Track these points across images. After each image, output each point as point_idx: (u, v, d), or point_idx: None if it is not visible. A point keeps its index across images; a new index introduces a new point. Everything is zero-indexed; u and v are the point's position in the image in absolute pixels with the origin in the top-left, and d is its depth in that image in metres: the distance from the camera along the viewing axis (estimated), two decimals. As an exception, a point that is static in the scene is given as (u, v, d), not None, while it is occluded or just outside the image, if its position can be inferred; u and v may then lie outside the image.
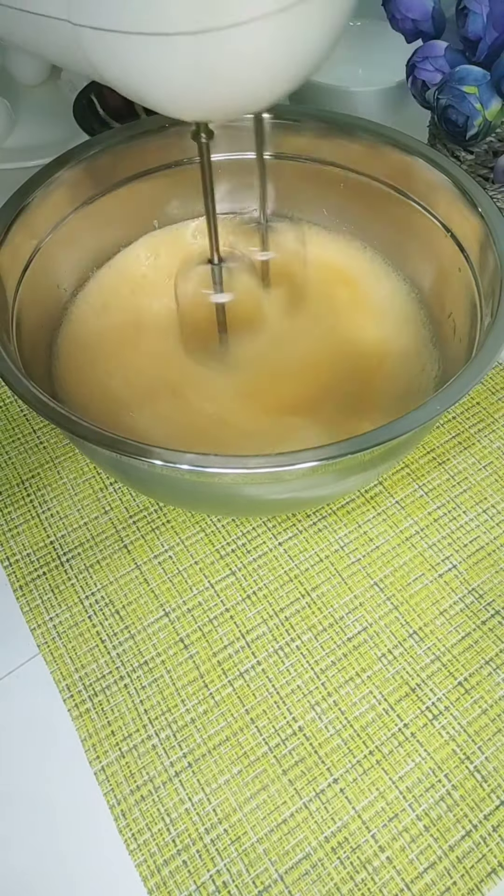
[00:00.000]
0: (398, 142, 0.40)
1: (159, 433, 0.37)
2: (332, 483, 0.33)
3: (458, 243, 0.39)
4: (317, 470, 0.28)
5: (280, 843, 0.31)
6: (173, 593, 0.38)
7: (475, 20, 0.40)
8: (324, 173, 0.44)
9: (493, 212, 0.36)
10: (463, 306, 0.38)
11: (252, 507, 0.36)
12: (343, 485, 0.35)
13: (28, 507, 0.41)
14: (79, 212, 0.41)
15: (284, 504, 0.36)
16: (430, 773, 0.32)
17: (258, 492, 0.33)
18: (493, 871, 0.30)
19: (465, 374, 0.30)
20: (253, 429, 0.37)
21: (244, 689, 0.35)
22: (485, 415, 0.45)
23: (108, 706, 0.34)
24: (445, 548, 0.39)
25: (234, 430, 0.37)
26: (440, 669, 0.35)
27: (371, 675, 0.35)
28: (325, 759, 0.33)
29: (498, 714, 0.34)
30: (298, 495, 0.34)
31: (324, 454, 0.27)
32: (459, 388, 0.30)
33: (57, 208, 0.40)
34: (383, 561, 0.39)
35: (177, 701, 0.34)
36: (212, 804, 0.32)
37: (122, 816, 0.31)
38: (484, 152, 0.47)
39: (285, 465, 0.27)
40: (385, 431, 0.28)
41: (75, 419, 0.29)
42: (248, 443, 0.37)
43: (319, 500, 0.39)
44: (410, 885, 0.30)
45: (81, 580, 0.38)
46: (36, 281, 0.39)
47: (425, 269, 0.42)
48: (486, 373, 0.30)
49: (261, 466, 0.27)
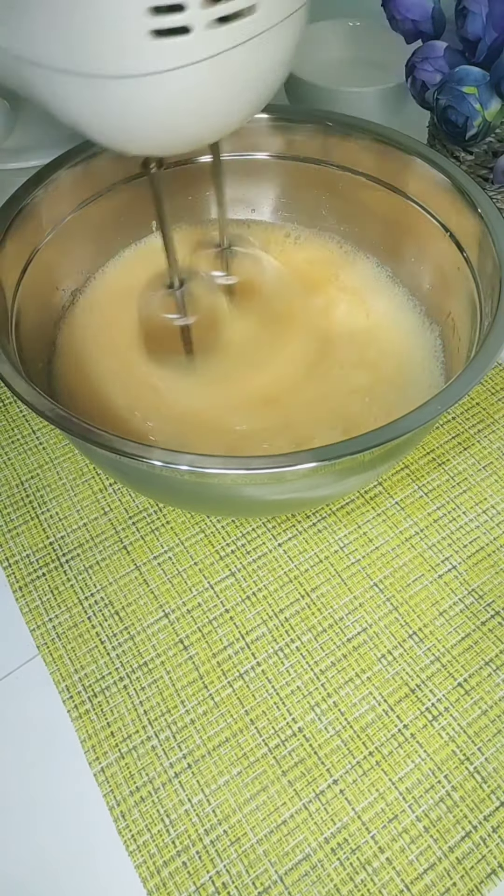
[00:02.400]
0: (396, 141, 0.40)
1: (159, 434, 0.37)
2: (332, 483, 0.33)
3: (457, 242, 0.39)
4: (317, 470, 0.28)
5: (280, 845, 0.31)
6: (173, 594, 0.38)
7: (475, 20, 0.40)
8: (321, 173, 0.44)
9: (491, 211, 0.36)
10: (462, 306, 0.38)
11: (252, 507, 0.36)
12: (343, 485, 0.35)
13: (27, 508, 0.41)
14: (78, 212, 0.41)
15: (284, 504, 0.36)
16: (429, 774, 0.32)
17: (258, 492, 0.33)
18: (492, 872, 0.30)
19: (465, 375, 0.30)
20: (256, 428, 0.37)
21: (244, 690, 0.35)
22: (485, 415, 0.45)
23: (107, 707, 0.34)
24: (445, 548, 0.39)
25: (236, 433, 0.37)
26: (440, 670, 0.35)
27: (371, 675, 0.35)
28: (324, 760, 0.33)
29: (498, 715, 0.34)
30: (298, 496, 0.34)
31: (324, 454, 0.27)
32: (459, 388, 0.30)
33: (56, 209, 0.40)
34: (383, 562, 0.39)
35: (176, 702, 0.34)
36: (211, 805, 0.32)
37: (122, 817, 0.31)
38: (483, 153, 0.47)
39: (286, 465, 0.27)
40: (385, 432, 0.28)
41: (75, 420, 0.29)
42: (248, 444, 0.37)
43: (320, 501, 0.39)
44: (410, 886, 0.30)
45: (81, 581, 0.38)
46: (35, 281, 0.39)
47: (424, 269, 0.42)
48: (486, 373, 0.30)
49: (261, 467, 0.27)
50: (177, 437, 0.37)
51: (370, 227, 0.45)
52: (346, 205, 0.45)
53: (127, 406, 0.38)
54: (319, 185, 0.45)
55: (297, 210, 0.47)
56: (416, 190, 0.41)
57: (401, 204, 0.41)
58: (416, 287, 0.43)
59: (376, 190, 0.42)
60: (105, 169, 0.41)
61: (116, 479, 0.40)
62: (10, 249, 0.37)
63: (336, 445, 0.28)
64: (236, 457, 0.28)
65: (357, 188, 0.43)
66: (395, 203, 0.42)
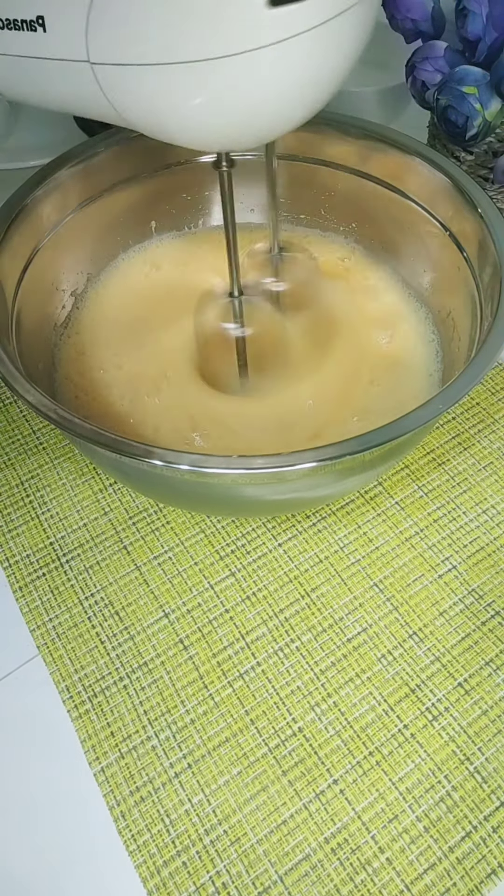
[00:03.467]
0: (395, 141, 0.41)
1: (160, 435, 0.37)
2: (332, 483, 0.33)
3: (457, 242, 0.39)
4: (317, 470, 0.28)
5: (280, 845, 0.31)
6: (173, 594, 0.38)
7: (475, 21, 0.40)
8: (320, 173, 0.44)
9: (491, 211, 0.36)
10: (462, 305, 0.38)
11: (252, 507, 0.36)
12: (343, 485, 0.35)
13: (28, 509, 0.41)
14: (78, 212, 0.41)
15: (284, 504, 0.36)
16: (430, 775, 0.32)
17: (258, 492, 0.33)
18: (492, 872, 0.30)
19: (466, 374, 0.30)
20: (259, 428, 0.37)
21: (244, 690, 0.35)
22: (485, 415, 0.45)
23: (107, 707, 0.34)
24: (445, 548, 0.39)
25: (239, 436, 0.37)
26: (440, 670, 0.35)
27: (371, 675, 0.35)
28: (325, 760, 0.33)
29: (498, 715, 0.34)
30: (298, 496, 0.34)
31: (324, 454, 0.27)
32: (459, 387, 0.30)
33: (57, 209, 0.40)
34: (383, 562, 0.39)
35: (176, 702, 0.34)
36: (212, 805, 0.32)
37: (122, 817, 0.31)
38: (483, 153, 0.47)
39: (286, 465, 0.27)
40: (385, 432, 0.28)
41: (77, 421, 0.29)
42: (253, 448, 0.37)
43: (320, 501, 0.39)
44: (410, 887, 0.30)
45: (81, 581, 0.38)
46: (36, 282, 0.39)
47: (423, 269, 0.42)
48: (486, 373, 0.30)
49: (261, 467, 0.27)
50: (185, 442, 0.37)
51: (370, 227, 0.45)
52: (345, 204, 0.45)
53: (128, 407, 0.38)
54: (316, 186, 0.45)
55: (296, 210, 0.47)
56: (414, 189, 0.41)
57: (398, 203, 0.42)
58: (416, 286, 0.43)
59: (373, 190, 0.42)
60: (105, 169, 0.41)
61: (117, 478, 0.40)
62: (11, 250, 0.37)
63: (336, 445, 0.28)
64: (236, 457, 0.28)
65: (354, 188, 0.43)
66: (393, 203, 0.42)
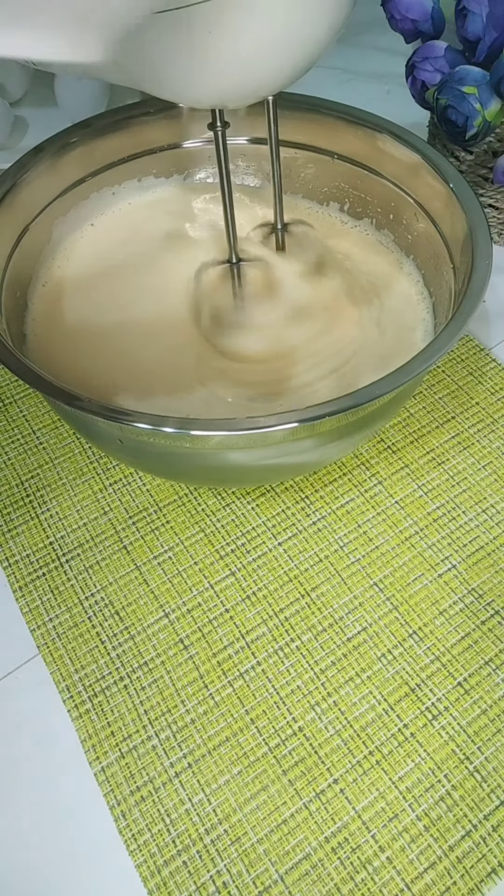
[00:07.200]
0: (359, 118, 0.42)
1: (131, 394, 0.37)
2: (313, 448, 0.34)
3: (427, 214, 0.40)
4: (300, 431, 0.29)
5: (280, 844, 0.31)
6: (173, 594, 0.38)
7: (475, 20, 0.40)
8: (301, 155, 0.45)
9: (456, 178, 0.38)
10: (439, 277, 0.39)
11: (235, 474, 0.37)
12: (325, 450, 0.35)
13: (27, 508, 0.41)
14: (66, 194, 0.42)
15: (266, 471, 0.36)
16: (429, 774, 0.32)
17: (241, 457, 0.33)
18: (493, 871, 0.30)
19: (438, 340, 0.31)
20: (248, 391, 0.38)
21: (244, 690, 0.35)
22: (484, 415, 0.45)
23: (107, 707, 0.34)
24: (445, 548, 0.39)
25: (228, 404, 0.37)
26: (440, 669, 0.35)
27: (371, 675, 0.35)
28: (325, 759, 0.33)
29: (497, 714, 0.34)
30: (281, 461, 0.35)
31: (307, 415, 0.28)
32: (430, 353, 0.31)
33: (43, 190, 0.41)
34: (383, 561, 0.39)
35: (177, 701, 0.34)
36: (212, 805, 0.32)
37: (123, 817, 0.31)
38: (483, 152, 0.47)
39: (268, 426, 0.28)
40: (362, 394, 0.29)
41: (65, 390, 0.29)
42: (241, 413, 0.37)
43: (302, 468, 0.39)
44: (410, 886, 0.30)
45: (81, 581, 0.38)
46: (24, 258, 0.39)
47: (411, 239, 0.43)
48: (453, 343, 0.31)
49: (244, 428, 0.28)
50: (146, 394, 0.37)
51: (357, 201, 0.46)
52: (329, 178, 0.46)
53: (106, 376, 0.38)
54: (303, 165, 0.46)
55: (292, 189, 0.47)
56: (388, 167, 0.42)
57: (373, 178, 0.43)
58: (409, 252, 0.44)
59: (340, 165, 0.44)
60: (90, 152, 0.42)
61: (105, 451, 0.40)
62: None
63: (318, 406, 0.28)
64: (220, 419, 0.28)
65: (324, 163, 0.44)
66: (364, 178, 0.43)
